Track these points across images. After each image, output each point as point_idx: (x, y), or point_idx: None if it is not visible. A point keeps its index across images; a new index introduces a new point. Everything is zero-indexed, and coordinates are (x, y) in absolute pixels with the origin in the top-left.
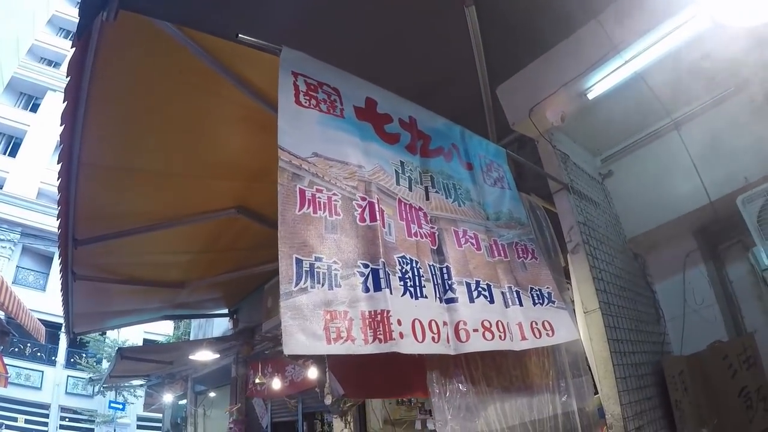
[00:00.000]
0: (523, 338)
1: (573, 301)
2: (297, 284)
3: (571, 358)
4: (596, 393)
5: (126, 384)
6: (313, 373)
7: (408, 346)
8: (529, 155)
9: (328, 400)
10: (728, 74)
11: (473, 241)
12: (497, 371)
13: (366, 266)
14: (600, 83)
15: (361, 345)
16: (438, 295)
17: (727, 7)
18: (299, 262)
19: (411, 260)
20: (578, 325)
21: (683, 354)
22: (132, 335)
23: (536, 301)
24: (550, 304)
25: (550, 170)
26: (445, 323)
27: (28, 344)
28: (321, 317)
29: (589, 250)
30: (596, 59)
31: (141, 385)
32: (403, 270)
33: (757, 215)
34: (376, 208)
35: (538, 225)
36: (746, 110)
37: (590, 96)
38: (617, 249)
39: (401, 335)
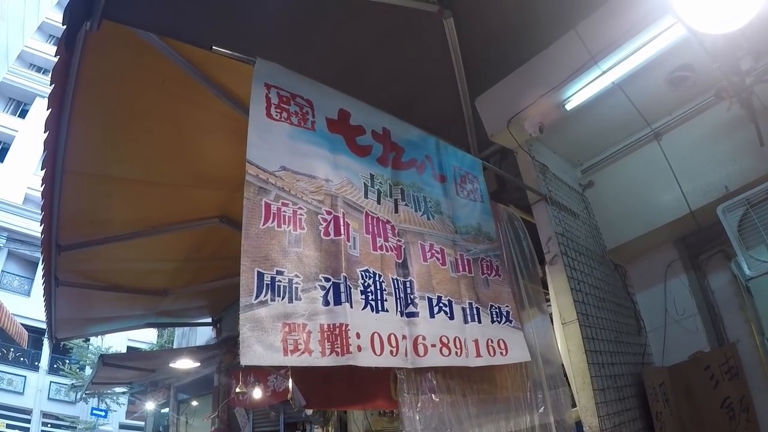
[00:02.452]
0: (478, 355)
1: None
2: (257, 297)
3: (550, 369)
4: (575, 405)
5: (108, 391)
6: None
7: (366, 359)
8: (512, 166)
9: (294, 407)
10: (706, 83)
11: (439, 256)
12: (472, 381)
13: (327, 280)
14: (578, 94)
15: (318, 357)
16: (399, 309)
17: (703, 15)
18: (260, 275)
19: (374, 274)
20: (556, 337)
21: (664, 365)
22: (116, 342)
23: (494, 319)
24: (508, 323)
25: (529, 181)
26: (404, 337)
27: (11, 349)
28: (279, 330)
29: (567, 261)
30: (574, 70)
31: (124, 393)
32: (366, 284)
33: (738, 224)
34: (341, 223)
35: (515, 236)
36: (725, 119)
37: (568, 107)
38: (597, 260)
39: (359, 348)
